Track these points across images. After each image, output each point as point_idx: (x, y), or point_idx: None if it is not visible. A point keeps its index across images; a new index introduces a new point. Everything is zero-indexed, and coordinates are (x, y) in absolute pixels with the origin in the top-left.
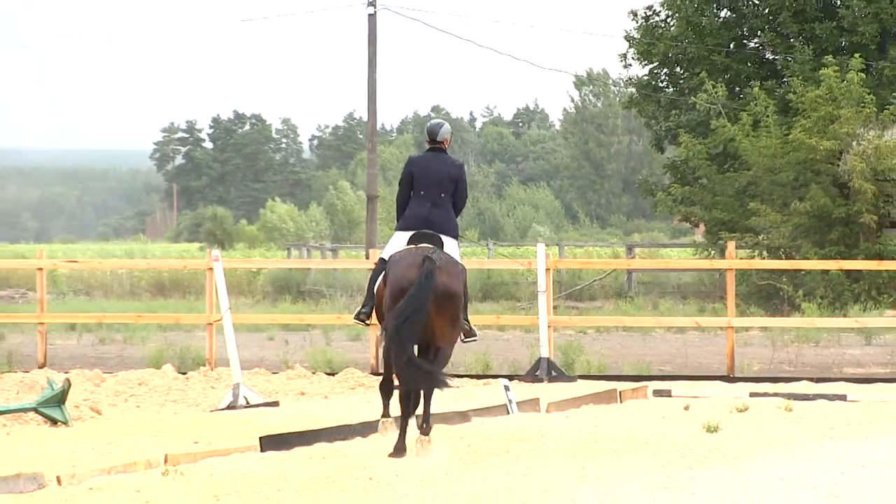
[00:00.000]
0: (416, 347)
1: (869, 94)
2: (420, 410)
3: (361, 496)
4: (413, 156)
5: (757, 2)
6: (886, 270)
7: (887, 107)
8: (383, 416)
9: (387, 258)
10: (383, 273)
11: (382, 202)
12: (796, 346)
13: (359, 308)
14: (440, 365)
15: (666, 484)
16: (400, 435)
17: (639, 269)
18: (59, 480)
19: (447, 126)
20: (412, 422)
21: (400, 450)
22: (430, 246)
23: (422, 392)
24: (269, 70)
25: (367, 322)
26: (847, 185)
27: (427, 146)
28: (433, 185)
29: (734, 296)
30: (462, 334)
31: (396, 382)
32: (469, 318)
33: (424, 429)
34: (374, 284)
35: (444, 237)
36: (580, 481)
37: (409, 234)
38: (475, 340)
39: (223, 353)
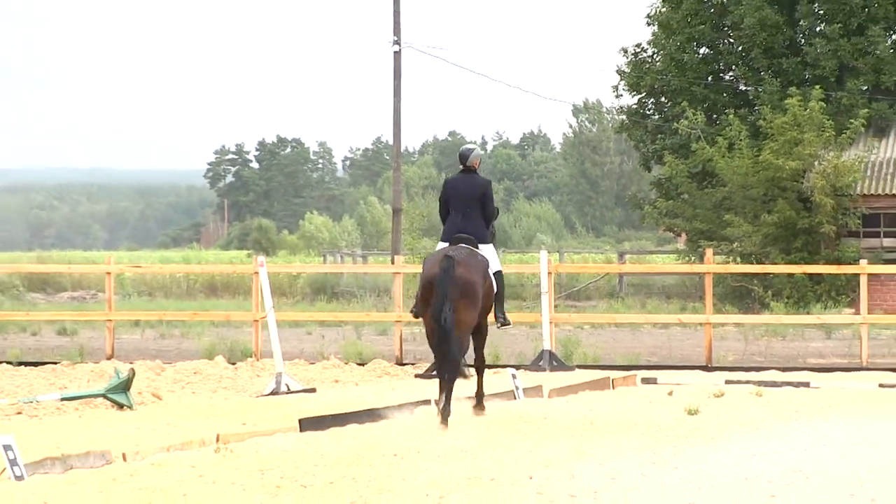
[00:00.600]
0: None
1: (828, 120)
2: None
3: (387, 470)
4: (447, 178)
5: (731, 40)
6: (844, 274)
7: (844, 131)
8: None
9: None
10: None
11: (406, 214)
12: (766, 340)
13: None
14: (459, 349)
15: (653, 460)
16: (444, 404)
17: (629, 273)
18: (124, 457)
19: (477, 151)
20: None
21: (444, 416)
22: (458, 246)
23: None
24: (308, 98)
25: (419, 316)
26: (810, 199)
27: (460, 168)
28: (463, 201)
29: (712, 296)
30: (497, 323)
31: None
32: (504, 309)
33: (476, 402)
34: None
35: (481, 245)
36: (578, 457)
37: (447, 244)
38: (509, 326)
39: (267, 346)
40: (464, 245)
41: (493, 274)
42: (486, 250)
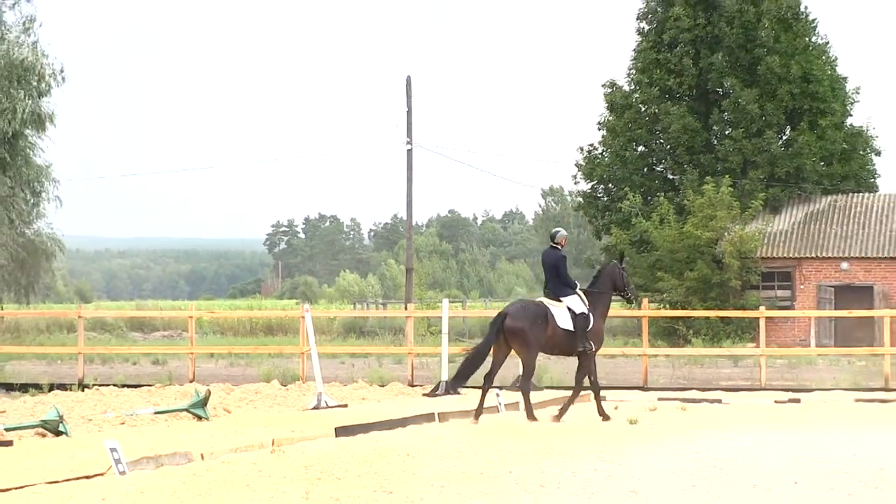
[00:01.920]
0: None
1: (735, 201)
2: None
3: (402, 466)
4: (543, 250)
5: (662, 141)
6: (747, 317)
7: (747, 210)
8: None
9: None
10: None
11: (416, 273)
12: (688, 368)
13: None
14: (526, 374)
15: (603, 458)
16: (526, 406)
17: None
18: (202, 457)
19: (563, 232)
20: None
21: (476, 415)
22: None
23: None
24: (343, 183)
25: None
26: (721, 261)
27: (550, 244)
28: (548, 268)
29: (647, 334)
30: (578, 349)
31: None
32: (588, 340)
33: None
34: None
35: (563, 298)
36: (547, 456)
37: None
38: (589, 350)
39: (311, 373)
40: (530, 302)
41: (578, 315)
42: (568, 300)
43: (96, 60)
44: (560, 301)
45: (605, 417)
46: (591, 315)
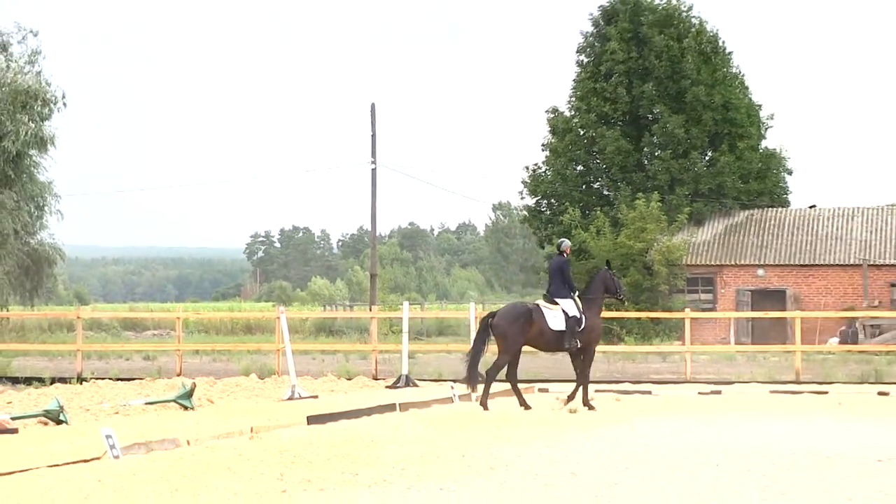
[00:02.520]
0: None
1: (663, 215)
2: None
3: (367, 451)
4: (551, 261)
5: (598, 161)
6: (674, 318)
7: (674, 222)
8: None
9: None
10: None
11: (379, 278)
12: (622, 363)
13: None
14: (496, 366)
15: (547, 444)
16: (517, 396)
17: None
18: (187, 442)
19: (567, 242)
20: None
21: (483, 403)
22: (513, 303)
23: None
24: (314, 198)
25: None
26: (651, 268)
27: (556, 252)
28: (553, 273)
29: None
30: (565, 346)
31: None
32: (575, 339)
33: (571, 398)
34: None
35: (559, 301)
36: (496, 441)
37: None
38: (574, 348)
39: (285, 367)
40: (518, 305)
41: (570, 317)
42: (564, 304)
43: (95, 87)
44: (556, 304)
45: (590, 408)
46: (583, 317)
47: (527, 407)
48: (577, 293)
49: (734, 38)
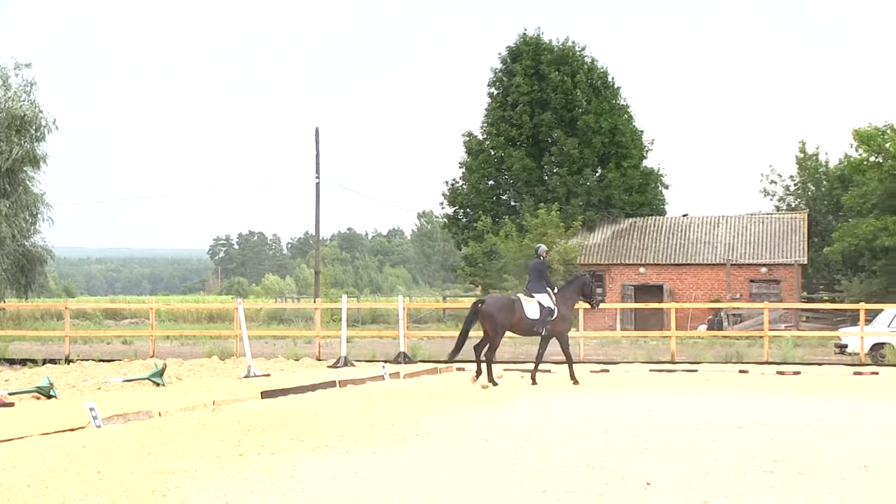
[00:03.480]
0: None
1: (561, 222)
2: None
3: (311, 420)
4: (529, 262)
5: (507, 176)
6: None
7: (570, 228)
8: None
9: None
10: None
11: (322, 275)
12: (526, 346)
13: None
14: (491, 348)
15: (465, 415)
16: (486, 372)
17: (449, 308)
18: (159, 414)
19: (543, 247)
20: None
21: (487, 381)
22: (496, 295)
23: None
24: (268, 206)
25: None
26: (550, 266)
27: (534, 255)
28: (532, 273)
29: None
30: (536, 330)
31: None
32: (546, 326)
33: (571, 376)
34: None
35: (535, 295)
36: (421, 413)
37: (519, 294)
38: (542, 334)
39: (242, 350)
40: (503, 296)
41: (544, 308)
42: (540, 297)
43: (83, 111)
44: (532, 297)
45: (575, 382)
46: (556, 309)
47: (494, 384)
48: (555, 289)
49: (623, 73)
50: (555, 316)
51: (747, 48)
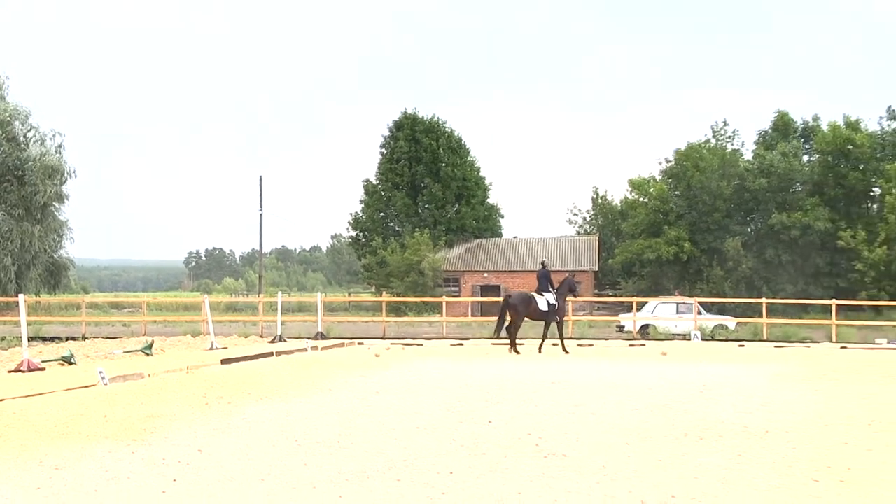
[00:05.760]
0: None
1: (430, 241)
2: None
3: (258, 380)
4: (538, 271)
5: (393, 210)
6: (436, 301)
7: (437, 246)
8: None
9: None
10: None
11: (265, 279)
12: (405, 327)
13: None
14: (512, 329)
15: (363, 374)
16: (510, 343)
17: (351, 300)
18: (149, 375)
19: (546, 261)
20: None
21: (514, 349)
22: (519, 291)
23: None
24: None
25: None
26: (423, 272)
27: (540, 265)
28: (539, 279)
29: (386, 310)
30: (552, 319)
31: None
32: (555, 314)
33: (563, 348)
34: None
35: (544, 293)
36: (328, 375)
37: (532, 293)
38: (556, 319)
39: (208, 331)
40: (524, 292)
41: (550, 304)
42: (547, 296)
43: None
44: (542, 295)
45: (566, 352)
46: (557, 304)
47: (517, 352)
48: (554, 290)
49: (473, 137)
50: (556, 308)
51: (559, 123)
